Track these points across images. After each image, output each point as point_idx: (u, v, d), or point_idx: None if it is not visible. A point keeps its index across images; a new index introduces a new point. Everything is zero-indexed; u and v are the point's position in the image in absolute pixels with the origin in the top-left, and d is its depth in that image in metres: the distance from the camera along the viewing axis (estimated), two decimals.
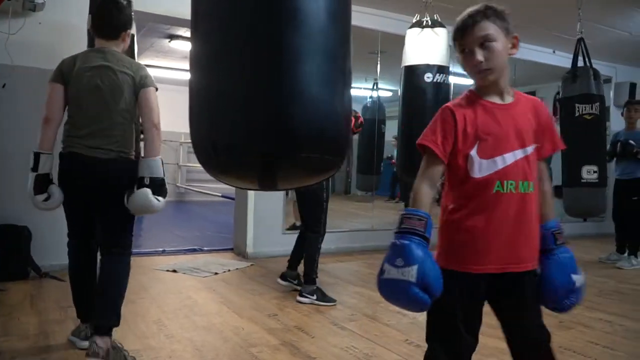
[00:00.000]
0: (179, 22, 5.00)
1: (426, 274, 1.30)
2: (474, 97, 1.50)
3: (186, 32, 6.26)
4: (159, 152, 2.38)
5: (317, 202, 3.50)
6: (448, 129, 1.46)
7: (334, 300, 3.46)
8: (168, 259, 4.67)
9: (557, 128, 3.86)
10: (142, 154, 2.41)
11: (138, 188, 2.28)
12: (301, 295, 3.45)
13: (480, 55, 1.42)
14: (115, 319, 2.32)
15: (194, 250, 5.15)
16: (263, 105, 1.19)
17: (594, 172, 4.10)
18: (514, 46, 1.47)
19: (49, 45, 3.89)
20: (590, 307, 3.57)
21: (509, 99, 1.50)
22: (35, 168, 2.29)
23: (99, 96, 2.32)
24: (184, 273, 4.19)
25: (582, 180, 4.09)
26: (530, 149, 1.47)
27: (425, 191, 1.44)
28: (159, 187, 2.32)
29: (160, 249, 5.01)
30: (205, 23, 1.31)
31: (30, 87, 3.81)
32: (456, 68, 5.96)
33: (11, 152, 3.77)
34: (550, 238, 1.49)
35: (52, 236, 3.79)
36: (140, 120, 2.44)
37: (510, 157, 1.43)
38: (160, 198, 2.31)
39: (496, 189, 1.42)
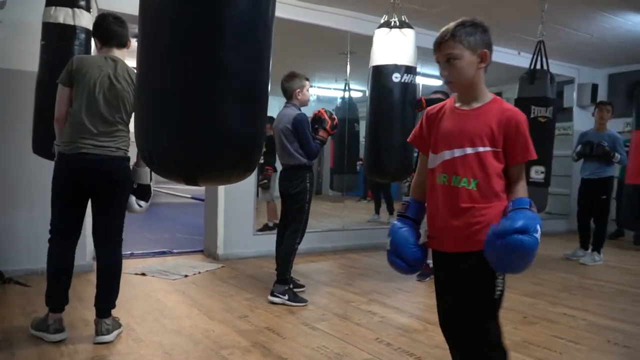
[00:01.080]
0: None
1: (397, 244, 1.66)
2: (450, 101, 1.69)
3: None
4: None
5: (301, 204, 3.54)
6: (423, 128, 1.72)
7: (305, 301, 3.46)
8: (137, 262, 4.60)
9: None
10: (135, 163, 2.75)
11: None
12: (273, 295, 3.45)
13: (444, 70, 1.60)
14: (115, 301, 2.72)
15: (163, 253, 5.08)
16: (190, 132, 1.53)
17: (542, 172, 4.28)
18: (483, 60, 1.58)
19: (8, 44, 3.79)
20: (555, 302, 3.67)
21: (475, 105, 1.62)
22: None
23: (106, 100, 2.56)
24: (153, 276, 4.13)
25: (530, 180, 4.20)
26: (471, 150, 1.57)
27: (415, 180, 1.78)
28: (144, 193, 2.79)
29: (129, 252, 4.90)
30: (147, 60, 1.60)
31: None
32: (424, 69, 6.03)
33: None
34: (508, 205, 1.54)
35: (14, 242, 3.70)
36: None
37: (448, 154, 1.60)
38: (142, 203, 2.80)
39: (437, 180, 1.63)
